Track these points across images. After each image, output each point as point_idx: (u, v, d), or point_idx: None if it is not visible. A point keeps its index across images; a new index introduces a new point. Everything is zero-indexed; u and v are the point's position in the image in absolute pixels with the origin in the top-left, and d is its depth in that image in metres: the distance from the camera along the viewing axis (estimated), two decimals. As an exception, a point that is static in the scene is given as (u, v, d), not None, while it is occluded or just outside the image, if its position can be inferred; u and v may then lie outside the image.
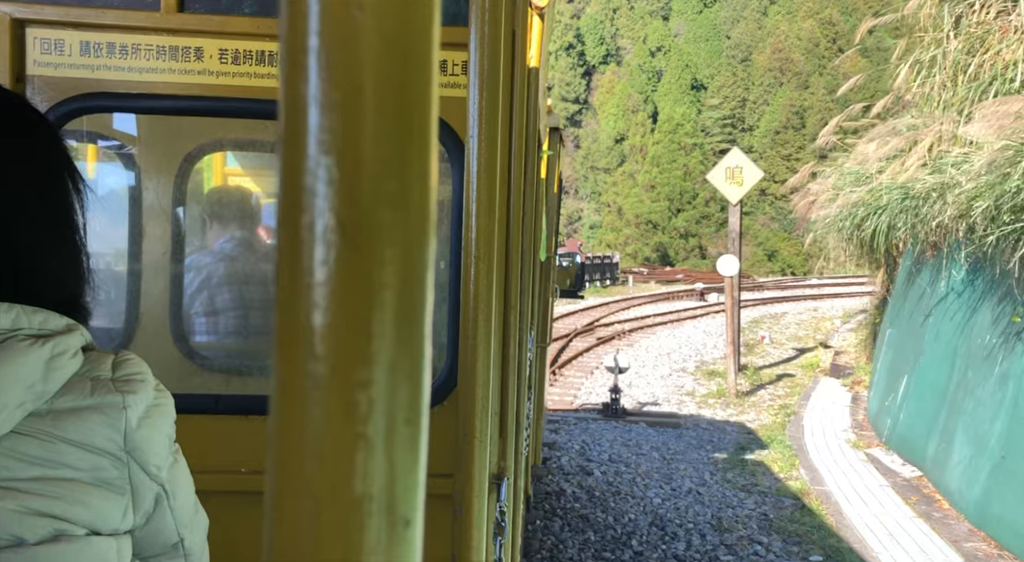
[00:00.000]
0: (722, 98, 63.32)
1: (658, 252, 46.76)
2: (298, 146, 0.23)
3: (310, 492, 0.24)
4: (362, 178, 0.24)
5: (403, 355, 0.24)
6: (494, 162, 1.26)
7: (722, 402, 11.78)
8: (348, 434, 0.24)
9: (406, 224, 0.24)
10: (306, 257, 0.24)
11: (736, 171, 13.95)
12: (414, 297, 0.25)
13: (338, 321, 0.24)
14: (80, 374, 0.88)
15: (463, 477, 1.27)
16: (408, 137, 0.24)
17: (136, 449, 0.90)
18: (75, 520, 0.84)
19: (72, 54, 2.04)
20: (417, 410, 0.25)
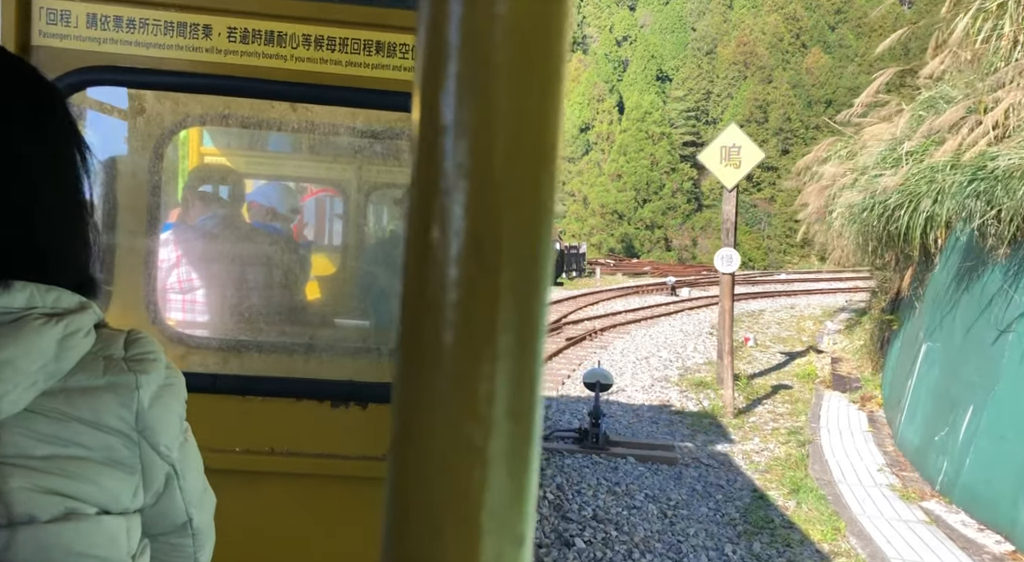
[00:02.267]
0: (687, 90, 61.56)
1: (623, 243, 44.75)
2: (433, 168, 0.23)
3: (434, 507, 0.23)
4: (495, 200, 0.23)
5: (524, 374, 0.24)
6: None
7: (719, 425, 9.61)
8: (470, 451, 0.23)
9: (529, 244, 0.24)
10: (435, 274, 0.23)
11: (733, 151, 11.76)
12: (538, 319, 0.24)
13: (461, 341, 0.23)
14: (93, 353, 0.86)
15: None
16: (536, 161, 0.24)
17: (147, 429, 0.88)
18: (86, 499, 0.82)
19: (79, 26, 1.99)
20: (532, 428, 0.24)
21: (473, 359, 0.23)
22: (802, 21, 65.22)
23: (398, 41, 2.11)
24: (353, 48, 2.08)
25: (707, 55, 63.72)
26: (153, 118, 2.57)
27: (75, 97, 2.13)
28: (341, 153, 3.41)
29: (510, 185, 0.24)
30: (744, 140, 11.68)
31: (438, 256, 0.23)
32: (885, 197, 8.92)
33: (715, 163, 11.83)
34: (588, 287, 25.25)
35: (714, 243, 53.33)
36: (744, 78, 61.18)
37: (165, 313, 2.58)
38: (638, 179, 46.14)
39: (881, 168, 9.51)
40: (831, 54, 64.37)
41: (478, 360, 0.23)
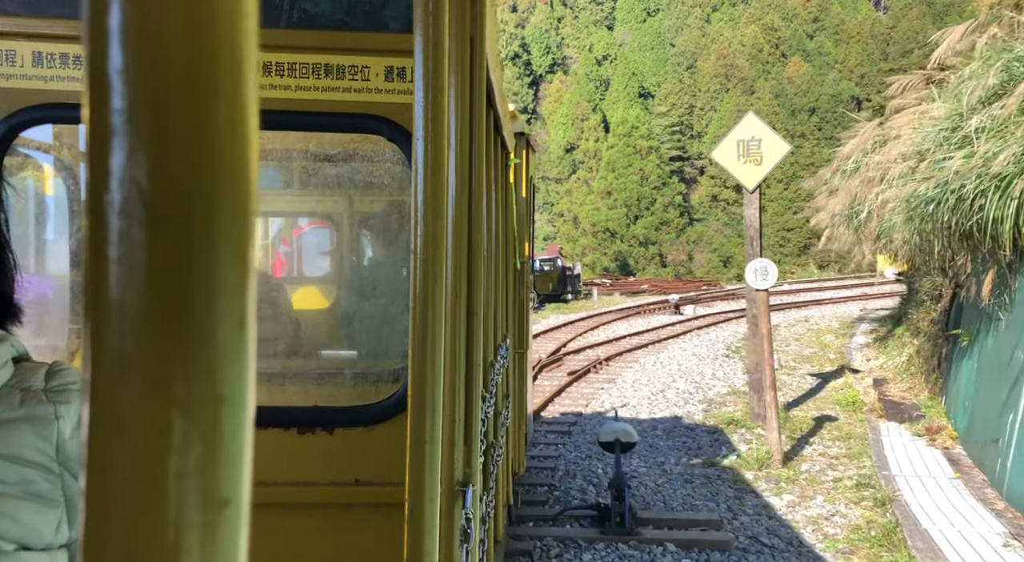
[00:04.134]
0: (670, 105, 60.17)
1: (617, 261, 42.72)
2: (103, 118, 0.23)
3: (121, 470, 0.22)
4: (164, 150, 0.23)
5: (220, 327, 0.23)
6: (441, 163, 1.21)
7: (768, 479, 7.56)
8: (156, 412, 0.23)
9: (216, 200, 0.23)
10: (111, 231, 0.23)
11: (752, 145, 9.83)
12: (232, 273, 0.24)
13: (143, 295, 0.23)
14: (9, 385, 0.83)
15: (413, 482, 1.19)
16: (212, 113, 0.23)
17: (69, 460, 0.83)
18: (3, 535, 0.78)
19: (24, 65, 1.98)
20: (236, 385, 0.24)
21: (157, 316, 0.22)
22: (780, 31, 64.19)
23: (347, 63, 2.13)
24: (302, 72, 2.08)
25: (688, 70, 62.47)
26: None
27: (30, 137, 2.15)
28: (292, 179, 3.30)
29: (180, 132, 0.23)
30: (765, 131, 9.76)
31: (109, 217, 0.22)
32: (958, 183, 6.96)
33: (732, 160, 9.89)
34: (586, 310, 23.23)
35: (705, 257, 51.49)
36: (726, 90, 59.88)
37: None
38: (628, 195, 44.25)
39: (946, 151, 7.56)
40: (811, 62, 63.20)
41: (164, 316, 0.22)
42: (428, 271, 1.20)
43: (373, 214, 3.27)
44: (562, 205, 47.51)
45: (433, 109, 1.18)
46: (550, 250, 26.95)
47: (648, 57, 64.26)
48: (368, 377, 2.63)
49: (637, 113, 47.93)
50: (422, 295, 1.20)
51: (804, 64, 62.03)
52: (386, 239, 3.07)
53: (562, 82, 58.03)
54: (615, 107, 54.09)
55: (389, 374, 2.55)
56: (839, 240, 15.93)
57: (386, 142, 2.34)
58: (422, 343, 1.20)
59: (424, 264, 1.19)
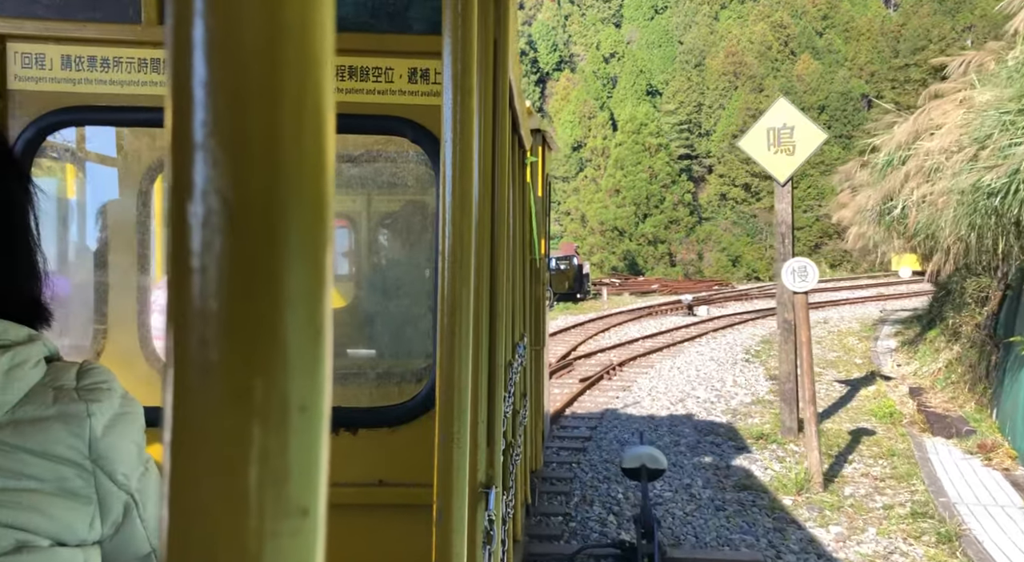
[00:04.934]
0: (678, 103, 59.20)
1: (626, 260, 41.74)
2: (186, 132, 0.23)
3: (202, 479, 0.23)
4: (247, 161, 0.23)
5: (298, 339, 0.23)
6: (469, 165, 1.23)
7: (810, 505, 6.66)
8: (238, 420, 0.23)
9: (296, 210, 0.24)
10: (193, 241, 0.23)
11: (783, 134, 8.91)
12: (311, 282, 0.24)
13: (225, 305, 0.23)
14: (42, 383, 0.83)
15: (442, 484, 1.19)
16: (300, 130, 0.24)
17: (102, 458, 0.84)
18: (38, 531, 0.78)
19: (53, 68, 1.99)
20: (314, 395, 0.24)
21: (239, 326, 0.23)
22: (789, 28, 63.13)
23: (370, 65, 2.14)
24: None
25: (696, 67, 61.45)
26: (132, 155, 2.52)
27: (56, 141, 2.16)
28: None
29: (264, 142, 0.23)
30: (797, 118, 8.84)
31: (191, 222, 0.23)
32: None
33: (761, 150, 8.99)
34: (595, 310, 22.32)
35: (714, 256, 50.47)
36: (735, 88, 58.88)
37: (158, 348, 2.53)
38: (637, 193, 43.26)
39: (1012, 136, 6.64)
40: (820, 60, 62.14)
41: (246, 326, 0.23)
42: (456, 272, 1.19)
43: (395, 215, 3.27)
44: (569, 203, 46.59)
45: (462, 110, 1.18)
46: (566, 248, 26.14)
47: (656, 55, 63.24)
48: (391, 377, 2.61)
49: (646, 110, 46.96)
50: (450, 296, 1.18)
51: (813, 62, 60.96)
52: (409, 240, 3.04)
53: (569, 80, 57.10)
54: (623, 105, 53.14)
55: (412, 375, 2.53)
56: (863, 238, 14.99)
57: (409, 143, 2.31)
58: (450, 344, 1.18)
59: (452, 265, 1.19)
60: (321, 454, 0.24)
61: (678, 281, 34.76)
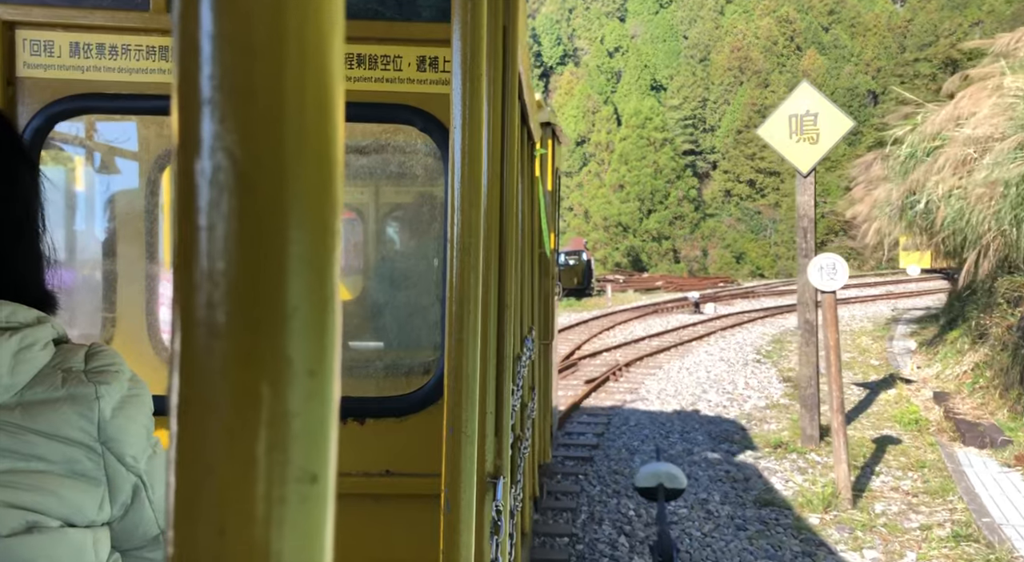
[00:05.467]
0: (682, 98, 58.52)
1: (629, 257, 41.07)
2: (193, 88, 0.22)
3: (207, 443, 0.22)
4: (254, 117, 0.22)
5: (308, 301, 0.23)
6: (478, 154, 1.20)
7: (840, 525, 6.06)
8: (245, 383, 0.22)
9: (305, 169, 0.23)
10: (199, 199, 0.22)
11: (807, 121, 8.29)
12: (320, 244, 0.23)
13: (232, 265, 0.22)
14: (51, 366, 0.83)
15: (450, 473, 1.18)
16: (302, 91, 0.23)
17: (111, 440, 0.84)
18: (48, 512, 0.78)
19: (62, 55, 1.98)
20: (324, 360, 0.23)
21: (247, 285, 0.22)
22: (795, 23, 62.38)
23: (379, 53, 2.10)
24: None
25: (701, 62, 60.74)
26: (139, 144, 2.51)
27: (59, 129, 2.11)
28: None
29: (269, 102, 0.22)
30: (822, 104, 8.22)
31: (198, 181, 0.22)
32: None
33: (782, 139, 8.37)
34: (600, 308, 21.72)
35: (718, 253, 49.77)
36: (740, 83, 58.20)
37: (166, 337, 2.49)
38: (641, 188, 42.57)
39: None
40: (826, 55, 61.38)
41: (254, 286, 0.22)
42: (465, 261, 1.18)
43: (403, 206, 3.16)
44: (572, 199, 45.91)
45: (471, 97, 1.17)
46: (575, 243, 25.53)
47: (660, 49, 62.51)
48: (399, 368, 2.60)
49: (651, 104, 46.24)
50: (459, 285, 1.18)
51: (819, 57, 60.21)
52: (416, 230, 3.02)
53: (573, 74, 56.41)
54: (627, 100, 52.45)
55: (420, 365, 2.51)
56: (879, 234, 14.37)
57: (417, 133, 2.29)
58: (458, 334, 1.18)
59: (461, 254, 1.18)
60: (331, 420, 0.23)
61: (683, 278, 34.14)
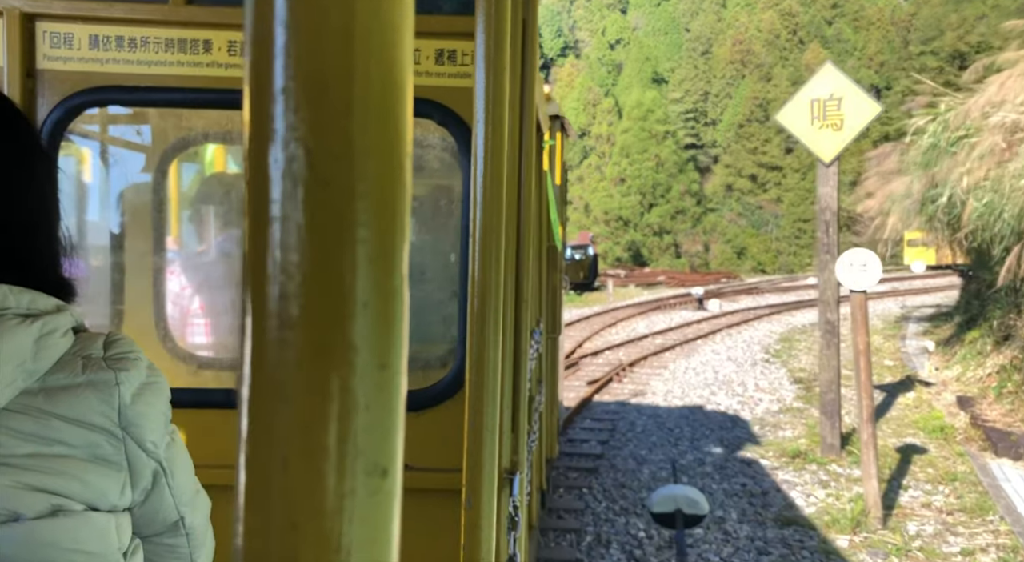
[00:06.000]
0: (684, 92, 57.82)
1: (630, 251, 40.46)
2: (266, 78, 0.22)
3: (278, 437, 0.22)
4: (329, 108, 0.22)
5: (378, 293, 0.23)
6: (500, 148, 1.21)
7: (872, 549, 5.47)
8: (318, 376, 0.22)
9: (377, 163, 0.23)
10: (272, 192, 0.22)
11: (830, 106, 7.68)
12: (390, 237, 0.23)
13: (306, 257, 0.22)
14: (71, 353, 0.85)
15: (471, 469, 1.18)
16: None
17: (131, 425, 0.85)
18: (73, 495, 0.80)
19: (81, 48, 1.99)
20: (393, 353, 0.23)
21: (318, 277, 0.22)
22: (798, 17, 61.66)
23: None
24: None
25: (703, 55, 60.02)
26: (156, 135, 2.54)
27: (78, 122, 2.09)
28: None
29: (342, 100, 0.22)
30: (847, 87, 7.60)
31: (272, 171, 0.22)
32: None
33: (802, 125, 7.75)
34: (601, 303, 21.12)
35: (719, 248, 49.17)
36: (742, 77, 57.50)
37: (179, 332, 2.54)
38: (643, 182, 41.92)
39: None
40: (830, 49, 60.63)
41: (325, 278, 0.22)
42: (486, 256, 1.18)
43: (420, 199, 3.16)
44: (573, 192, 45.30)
45: (494, 90, 1.18)
46: (581, 237, 25.07)
47: (662, 42, 61.78)
48: (416, 363, 2.52)
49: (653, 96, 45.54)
50: (481, 280, 1.17)
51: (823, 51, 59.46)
52: (433, 224, 2.99)
53: (574, 66, 55.68)
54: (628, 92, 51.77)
55: (437, 360, 2.51)
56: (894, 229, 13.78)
57: (435, 126, 2.25)
58: (480, 328, 1.17)
59: (483, 249, 1.17)
60: (399, 413, 0.23)
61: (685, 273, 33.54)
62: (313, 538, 0.22)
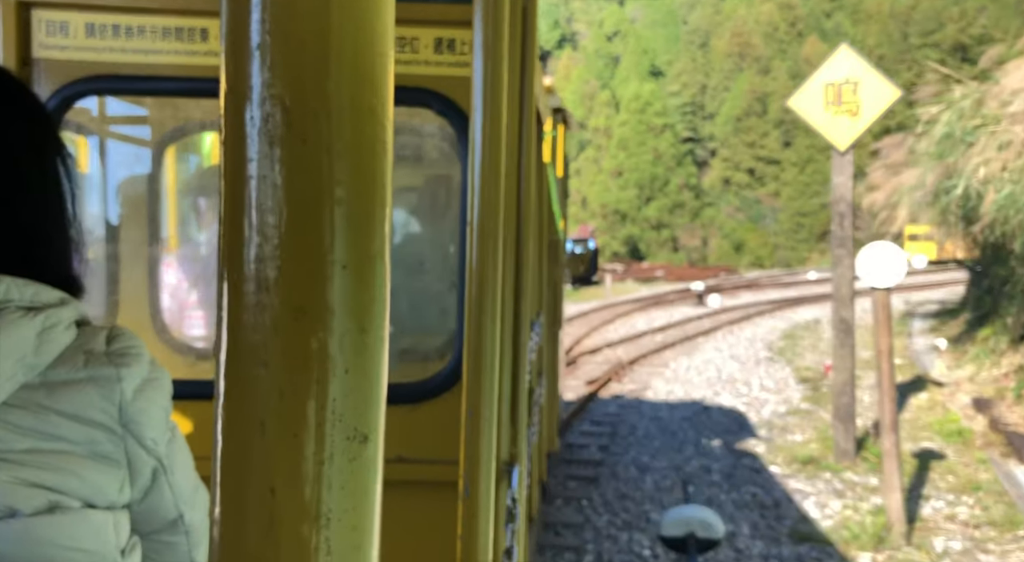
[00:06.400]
0: (681, 85, 57.27)
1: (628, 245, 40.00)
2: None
3: (257, 400, 0.22)
4: (306, 65, 0.22)
5: (357, 256, 0.22)
6: (498, 138, 1.19)
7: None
8: (297, 340, 0.22)
9: (356, 122, 0.22)
10: (249, 148, 0.21)
11: (845, 89, 7.19)
12: (370, 200, 0.22)
13: (283, 218, 0.22)
14: (73, 347, 0.83)
15: (469, 459, 1.17)
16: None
17: (132, 422, 0.83)
18: (70, 492, 0.78)
19: (77, 36, 1.97)
20: (374, 318, 0.23)
21: (298, 233, 0.21)
22: (797, 9, 61.15)
23: (396, 35, 1.72)
24: None
25: (701, 48, 59.46)
26: (153, 125, 2.53)
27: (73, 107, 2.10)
28: None
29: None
30: (864, 70, 7.11)
31: (248, 130, 0.22)
32: None
33: (816, 110, 7.28)
34: (598, 299, 20.66)
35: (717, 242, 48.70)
36: (740, 70, 56.96)
37: (175, 322, 2.50)
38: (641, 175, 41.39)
39: None
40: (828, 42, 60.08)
41: (304, 238, 0.22)
42: (484, 246, 1.16)
43: (417, 190, 3.09)
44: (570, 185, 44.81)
45: (492, 79, 1.16)
46: (581, 231, 24.77)
47: (660, 34, 61.18)
48: (413, 354, 2.56)
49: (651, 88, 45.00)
50: (478, 270, 1.16)
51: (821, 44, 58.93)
52: (431, 215, 2.99)
53: (571, 58, 55.09)
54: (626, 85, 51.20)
55: (434, 351, 2.49)
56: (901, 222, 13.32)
57: (433, 116, 2.27)
58: (478, 320, 1.15)
59: (480, 239, 1.15)
60: (381, 379, 0.23)
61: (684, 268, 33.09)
62: (291, 504, 0.21)
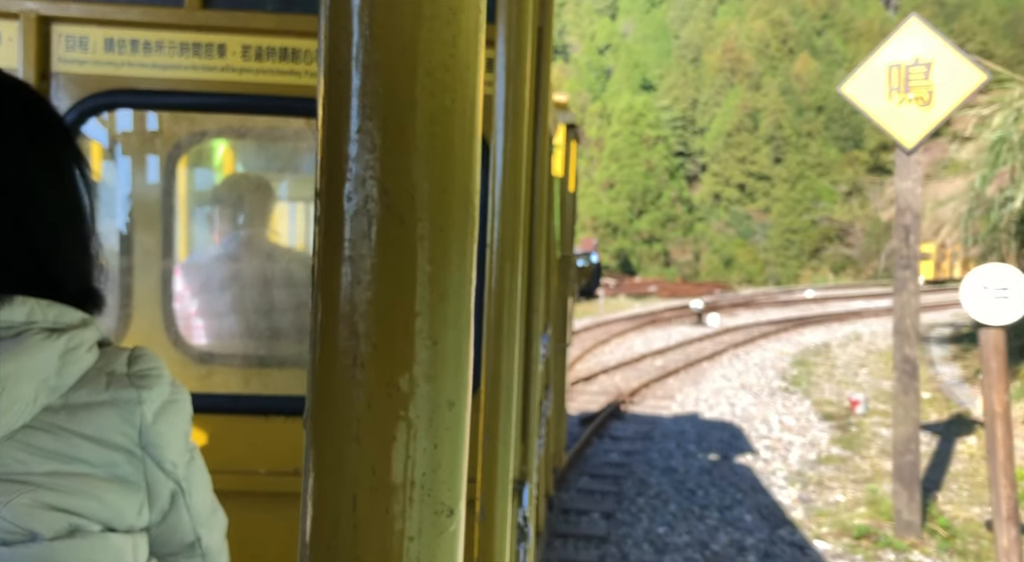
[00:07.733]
0: (672, 99, 56.17)
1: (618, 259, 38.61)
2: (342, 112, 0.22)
3: (347, 476, 0.22)
4: (405, 148, 0.22)
5: (447, 331, 0.23)
6: (519, 159, 1.19)
7: None
8: (389, 415, 0.22)
9: (449, 202, 0.22)
10: (347, 229, 0.22)
11: (914, 73, 5.72)
12: (459, 276, 0.23)
13: (379, 296, 0.22)
14: (96, 368, 0.82)
15: (487, 480, 1.17)
16: (450, 120, 0.23)
17: (151, 445, 0.82)
18: (90, 516, 0.77)
19: (96, 51, 1.98)
20: (461, 390, 0.23)
21: (390, 315, 0.22)
22: (788, 26, 60.30)
23: None
24: None
25: (692, 62, 58.46)
26: (167, 138, 2.55)
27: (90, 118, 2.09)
28: None
29: (424, 148, 0.22)
30: (940, 49, 5.64)
31: (346, 208, 0.22)
32: None
33: (875, 98, 5.80)
34: (591, 315, 19.15)
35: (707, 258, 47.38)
36: (731, 85, 55.99)
37: (185, 333, 2.48)
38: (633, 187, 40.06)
39: None
40: (819, 59, 59.33)
41: (396, 316, 0.22)
42: (504, 267, 1.16)
43: None
44: (560, 197, 43.42)
45: (514, 100, 1.16)
46: (585, 244, 23.46)
47: (651, 48, 60.16)
48: None
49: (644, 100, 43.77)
50: (497, 291, 1.16)
51: (812, 61, 58.17)
52: None
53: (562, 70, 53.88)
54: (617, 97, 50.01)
55: None
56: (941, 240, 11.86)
57: None
58: (496, 339, 1.16)
59: (500, 259, 1.15)
60: (465, 451, 0.23)
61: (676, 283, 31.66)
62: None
